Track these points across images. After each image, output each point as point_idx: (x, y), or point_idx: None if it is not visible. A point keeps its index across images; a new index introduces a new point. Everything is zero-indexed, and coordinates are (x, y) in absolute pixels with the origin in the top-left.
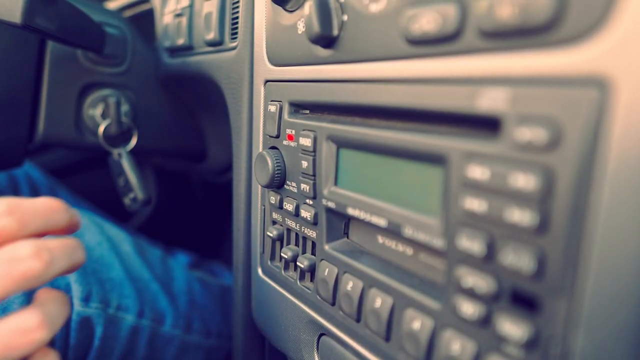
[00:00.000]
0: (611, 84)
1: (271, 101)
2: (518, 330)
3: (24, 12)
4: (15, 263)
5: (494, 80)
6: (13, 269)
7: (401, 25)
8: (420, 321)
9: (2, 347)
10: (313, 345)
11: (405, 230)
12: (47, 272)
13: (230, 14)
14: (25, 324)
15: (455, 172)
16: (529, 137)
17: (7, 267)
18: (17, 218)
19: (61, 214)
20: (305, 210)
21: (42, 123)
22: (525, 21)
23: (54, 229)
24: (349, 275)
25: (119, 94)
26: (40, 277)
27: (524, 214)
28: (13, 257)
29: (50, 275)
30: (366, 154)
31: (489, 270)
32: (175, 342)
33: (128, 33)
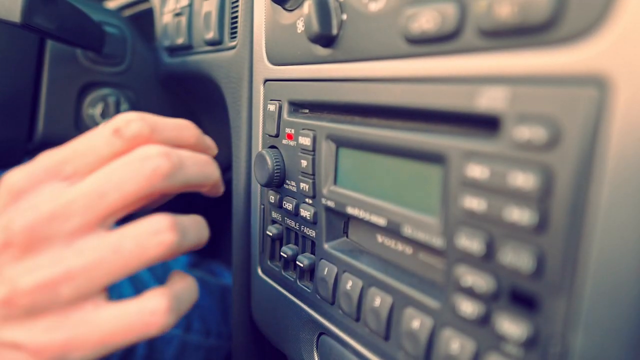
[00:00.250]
0: (610, 83)
1: (270, 100)
2: (517, 329)
3: (23, 12)
4: (145, 160)
5: (493, 79)
6: (145, 166)
7: (400, 24)
8: (419, 320)
9: (124, 330)
10: (312, 344)
11: (405, 229)
12: (176, 174)
13: (229, 14)
14: (152, 307)
15: (454, 171)
16: (528, 136)
17: (138, 164)
18: (149, 124)
19: (191, 130)
20: (304, 209)
21: (41, 122)
22: (525, 20)
23: (183, 144)
24: (349, 274)
25: (118, 93)
26: (168, 177)
27: (523, 213)
28: (144, 155)
29: (180, 179)
30: (365, 153)
31: (488, 269)
32: (175, 341)
33: (127, 32)
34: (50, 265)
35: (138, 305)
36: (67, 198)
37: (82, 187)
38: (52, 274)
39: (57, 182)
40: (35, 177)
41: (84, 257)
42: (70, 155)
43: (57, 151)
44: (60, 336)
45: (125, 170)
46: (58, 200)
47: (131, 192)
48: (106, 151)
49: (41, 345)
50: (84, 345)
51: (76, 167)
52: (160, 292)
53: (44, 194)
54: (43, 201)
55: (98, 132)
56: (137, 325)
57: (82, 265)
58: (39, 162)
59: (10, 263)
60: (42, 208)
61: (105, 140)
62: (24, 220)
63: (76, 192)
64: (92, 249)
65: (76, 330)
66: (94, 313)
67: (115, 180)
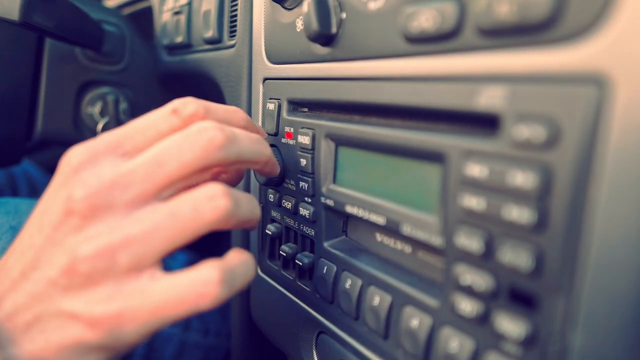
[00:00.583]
0: (609, 81)
1: (270, 99)
2: (516, 328)
3: (22, 10)
4: (202, 132)
5: (492, 78)
6: (202, 137)
7: (400, 23)
8: (418, 319)
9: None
10: (312, 343)
11: (404, 228)
12: (231, 146)
13: (228, 12)
14: (204, 278)
15: (453, 170)
16: (527, 135)
17: (195, 135)
18: (203, 105)
19: (240, 114)
20: (303, 208)
21: (40, 121)
22: (524, 19)
23: (234, 125)
24: (348, 273)
25: (117, 91)
26: (223, 148)
27: (522, 212)
28: (201, 128)
29: (234, 151)
30: (365, 152)
31: (487, 268)
32: (174, 340)
33: (126, 31)
34: (109, 233)
35: (190, 276)
36: (127, 168)
37: (141, 158)
38: (111, 241)
39: (117, 157)
40: (96, 151)
41: (142, 223)
42: (131, 132)
43: (117, 129)
44: (114, 307)
45: (182, 141)
46: (118, 170)
47: (189, 162)
48: (165, 127)
49: (97, 316)
50: (137, 317)
51: (136, 142)
52: (213, 264)
53: (104, 166)
54: (103, 172)
55: (157, 112)
56: (190, 297)
57: (140, 230)
58: (100, 138)
59: (71, 232)
60: (102, 177)
61: (163, 119)
62: (85, 189)
63: (136, 162)
64: (149, 216)
65: (130, 301)
66: (149, 283)
67: (173, 150)
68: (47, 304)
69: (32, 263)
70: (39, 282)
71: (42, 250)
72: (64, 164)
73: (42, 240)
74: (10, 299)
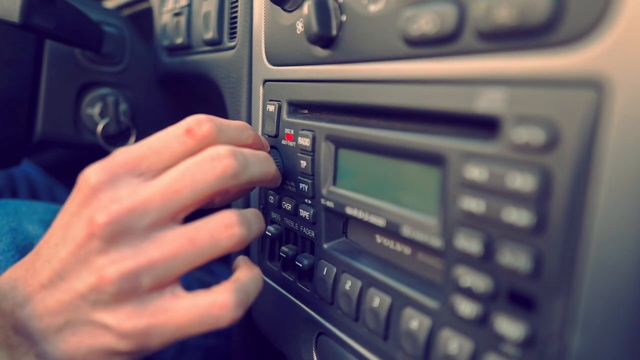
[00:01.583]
0: (608, 85)
1: (270, 101)
2: (515, 330)
3: (22, 11)
4: (216, 161)
5: (492, 81)
6: (215, 166)
7: (400, 26)
8: (418, 320)
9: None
10: (311, 344)
11: (404, 230)
12: (243, 173)
13: (228, 14)
14: (221, 302)
15: (453, 173)
16: (526, 138)
17: (210, 164)
18: (216, 125)
19: (249, 131)
20: (304, 209)
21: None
22: (523, 23)
23: (243, 143)
24: (348, 274)
25: (117, 93)
26: (236, 176)
27: (522, 214)
28: (215, 155)
29: (246, 177)
30: (365, 154)
31: (486, 269)
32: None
33: (126, 32)
34: (132, 257)
35: (208, 299)
36: (144, 195)
37: (158, 185)
38: (136, 264)
39: (133, 177)
40: (113, 172)
41: (163, 248)
42: (146, 153)
43: (132, 148)
44: (143, 323)
45: (198, 170)
46: (136, 196)
47: (203, 191)
48: (179, 150)
49: (127, 330)
50: (163, 333)
51: (151, 163)
52: (229, 288)
53: (122, 188)
54: (122, 196)
55: (171, 131)
56: (209, 318)
57: (161, 255)
58: (116, 157)
59: (96, 253)
60: (122, 203)
61: (178, 140)
62: (106, 216)
63: (153, 190)
64: (170, 241)
65: (156, 318)
66: (172, 301)
67: (188, 179)
68: (77, 313)
69: (59, 273)
70: (67, 292)
71: (67, 263)
72: (82, 183)
73: (67, 254)
74: (40, 301)
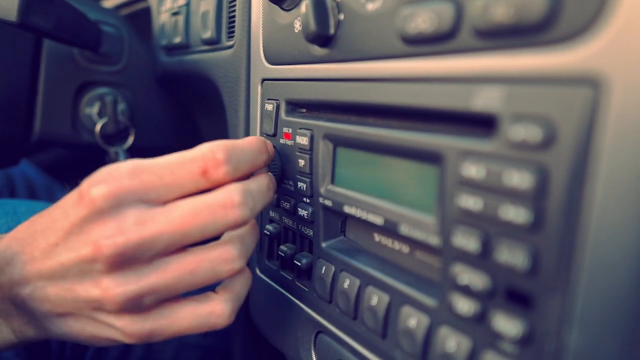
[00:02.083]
0: (605, 83)
1: (268, 100)
2: (513, 327)
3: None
4: (229, 210)
5: (489, 79)
6: (227, 214)
7: (397, 25)
8: (416, 318)
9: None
10: (310, 343)
11: (402, 228)
12: (250, 216)
13: (227, 13)
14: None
15: (450, 171)
16: (523, 136)
17: (222, 212)
18: (233, 164)
19: (265, 155)
20: (302, 208)
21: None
22: (520, 21)
23: (256, 169)
24: (346, 273)
25: (115, 92)
26: (244, 221)
27: (519, 212)
28: (228, 203)
29: (251, 217)
30: (363, 152)
31: (484, 267)
32: (173, 341)
33: (124, 31)
34: (136, 282)
35: (208, 309)
36: (152, 230)
37: (167, 221)
38: (139, 289)
39: (140, 204)
40: (120, 198)
41: (166, 276)
42: (156, 183)
43: (143, 172)
44: (147, 328)
45: (209, 216)
46: (144, 230)
47: (210, 233)
48: (191, 187)
49: (131, 332)
50: (165, 334)
51: (160, 195)
52: (225, 298)
53: (128, 216)
54: (129, 227)
55: (186, 166)
56: (207, 324)
57: (164, 282)
58: (124, 179)
59: (100, 273)
60: (129, 236)
61: (192, 178)
62: (113, 248)
63: (161, 226)
64: (173, 269)
65: (159, 323)
66: (173, 309)
67: (199, 222)
68: (80, 310)
69: (61, 273)
70: (69, 292)
71: (69, 269)
72: (86, 198)
73: (68, 262)
74: (41, 288)
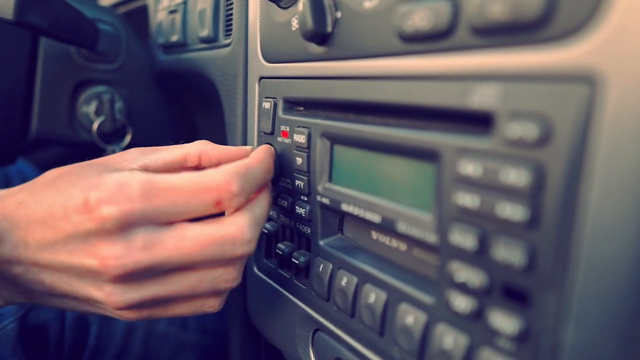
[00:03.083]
0: (601, 80)
1: (265, 98)
2: (510, 324)
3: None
4: (239, 246)
5: (486, 76)
6: (236, 250)
7: (394, 22)
8: (413, 316)
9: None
10: (308, 340)
11: (399, 225)
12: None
13: (224, 11)
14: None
15: (447, 168)
16: (520, 133)
17: (231, 247)
18: (246, 194)
19: (271, 173)
20: (299, 206)
21: (35, 120)
22: (517, 18)
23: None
24: (344, 271)
25: (112, 90)
26: (250, 255)
27: (515, 209)
28: (238, 239)
29: None
30: (360, 150)
31: (481, 264)
32: (171, 340)
33: (121, 30)
34: (139, 291)
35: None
36: (161, 256)
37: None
38: (141, 298)
39: (149, 226)
40: (131, 221)
41: (168, 289)
42: (168, 209)
43: (155, 195)
44: (144, 315)
45: (218, 251)
46: (152, 255)
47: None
48: (202, 213)
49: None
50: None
51: (170, 217)
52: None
53: (137, 238)
54: (136, 250)
55: (200, 196)
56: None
57: (165, 295)
58: (136, 203)
59: (103, 281)
60: (137, 259)
61: (204, 206)
62: (121, 269)
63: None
64: (174, 284)
65: (156, 311)
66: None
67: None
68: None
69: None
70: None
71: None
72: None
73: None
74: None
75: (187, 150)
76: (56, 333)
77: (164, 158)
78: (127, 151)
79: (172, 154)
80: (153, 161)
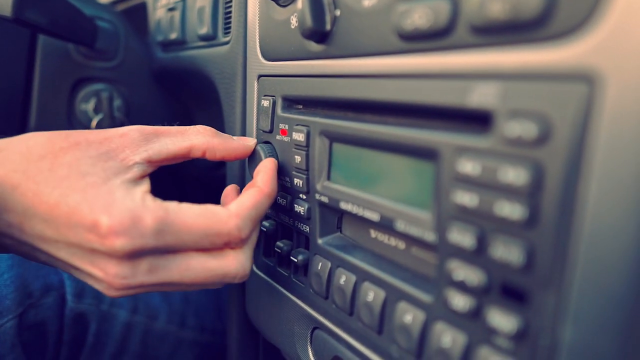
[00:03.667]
0: (599, 79)
1: (264, 96)
2: (508, 323)
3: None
4: (238, 279)
5: (485, 75)
6: (234, 281)
7: (393, 21)
8: (412, 314)
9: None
10: (306, 339)
11: (398, 224)
12: None
13: (223, 9)
14: None
15: (446, 167)
16: (519, 132)
17: (230, 279)
18: (254, 222)
19: (270, 201)
20: (298, 205)
21: (33, 118)
22: (516, 17)
23: None
24: (342, 269)
25: (111, 88)
26: None
27: (514, 208)
28: (240, 275)
29: None
30: (359, 148)
31: (479, 263)
32: (170, 338)
33: (120, 27)
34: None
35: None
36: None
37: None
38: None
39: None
40: (141, 255)
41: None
42: (177, 244)
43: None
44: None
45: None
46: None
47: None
48: (207, 246)
49: None
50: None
51: (176, 249)
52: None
53: (144, 264)
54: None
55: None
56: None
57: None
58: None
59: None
60: (142, 280)
61: (212, 246)
62: (126, 287)
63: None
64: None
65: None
66: None
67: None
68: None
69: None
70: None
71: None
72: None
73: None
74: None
75: (192, 143)
76: (55, 331)
77: (168, 150)
78: (127, 132)
79: (177, 145)
80: (157, 153)
